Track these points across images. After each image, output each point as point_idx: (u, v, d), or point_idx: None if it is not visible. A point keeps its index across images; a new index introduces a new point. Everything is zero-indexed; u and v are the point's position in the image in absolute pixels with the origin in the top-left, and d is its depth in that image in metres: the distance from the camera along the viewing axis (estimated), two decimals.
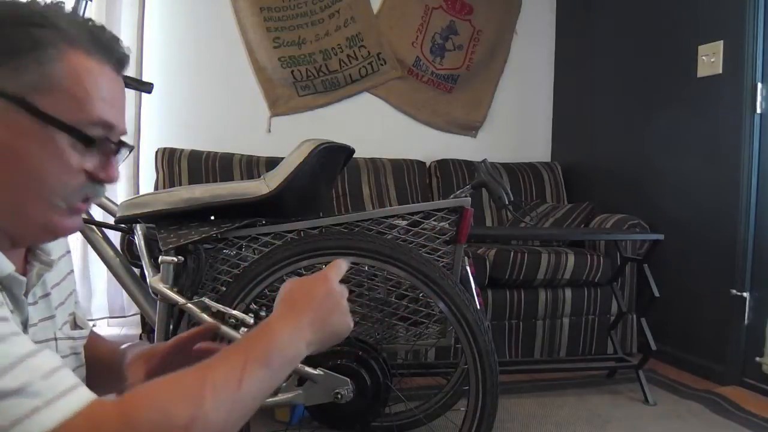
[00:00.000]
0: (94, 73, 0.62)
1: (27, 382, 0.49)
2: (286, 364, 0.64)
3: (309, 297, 0.71)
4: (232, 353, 0.62)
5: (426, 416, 1.68)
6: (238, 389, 0.58)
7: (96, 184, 0.65)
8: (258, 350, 0.62)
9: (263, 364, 0.61)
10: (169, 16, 2.94)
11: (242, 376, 0.59)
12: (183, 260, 1.33)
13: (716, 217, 2.40)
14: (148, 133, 2.88)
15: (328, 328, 0.70)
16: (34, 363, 0.51)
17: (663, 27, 2.73)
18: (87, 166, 0.63)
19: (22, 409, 0.48)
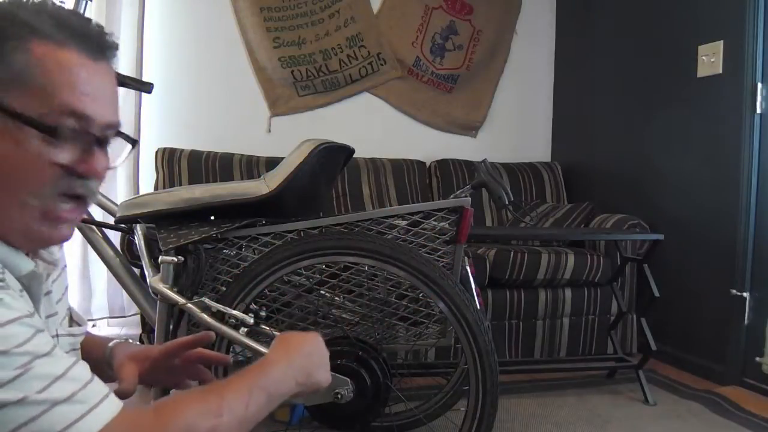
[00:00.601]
0: (62, 63, 0.59)
1: (75, 391, 0.55)
2: (279, 395, 0.74)
3: (301, 347, 0.81)
4: (241, 379, 0.71)
5: (426, 416, 1.68)
6: (246, 410, 0.67)
7: (76, 178, 0.62)
8: (261, 380, 0.72)
9: (264, 392, 0.71)
10: (169, 16, 2.94)
11: (249, 401, 0.68)
12: (183, 260, 1.33)
13: (716, 217, 2.40)
14: (148, 133, 2.88)
15: (313, 377, 0.80)
16: (76, 373, 0.57)
17: (663, 27, 2.73)
18: (60, 159, 0.60)
19: (72, 415, 0.54)
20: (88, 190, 0.64)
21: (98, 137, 0.63)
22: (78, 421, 0.54)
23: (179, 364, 0.94)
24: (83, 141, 0.62)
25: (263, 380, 0.73)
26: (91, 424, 0.55)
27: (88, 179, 0.63)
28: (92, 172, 0.62)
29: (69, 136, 0.60)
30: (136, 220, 1.40)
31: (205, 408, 0.64)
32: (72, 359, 0.58)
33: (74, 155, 0.61)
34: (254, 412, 0.69)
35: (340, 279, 1.41)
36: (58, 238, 0.65)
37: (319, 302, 1.43)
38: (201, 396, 0.66)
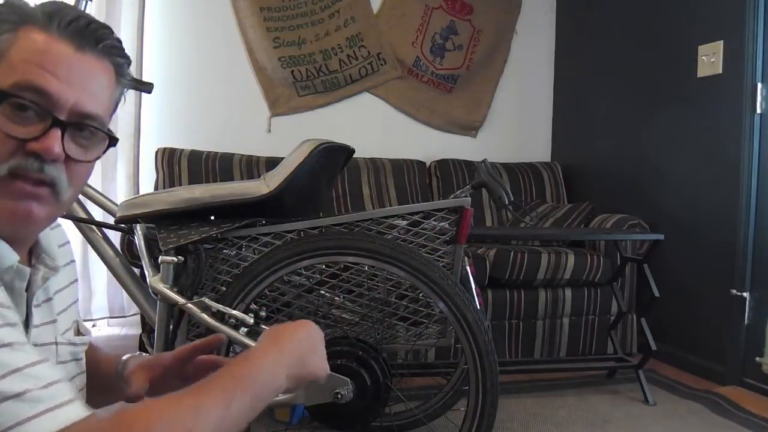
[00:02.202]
0: (38, 43, 0.61)
1: (28, 389, 0.51)
2: (267, 392, 0.68)
3: (291, 335, 0.75)
4: (221, 380, 0.64)
5: (426, 416, 1.68)
6: (227, 412, 0.61)
7: (32, 159, 0.60)
8: (245, 379, 0.65)
9: (248, 392, 0.64)
10: (169, 16, 2.94)
11: (230, 404, 0.61)
12: (183, 260, 1.33)
13: (716, 217, 2.40)
14: (148, 133, 2.88)
15: (306, 366, 0.75)
16: (35, 372, 0.52)
17: (663, 27, 2.73)
18: (15, 132, 0.60)
19: (20, 414, 0.49)
20: (46, 175, 0.62)
21: (62, 121, 0.62)
22: (28, 420, 0.50)
23: (192, 371, 0.89)
24: (42, 120, 0.61)
25: (248, 377, 0.66)
26: (43, 425, 0.50)
27: (43, 161, 0.61)
28: (43, 151, 0.60)
29: (29, 113, 0.60)
30: (136, 220, 1.40)
31: (173, 417, 0.57)
32: (38, 357, 0.54)
33: (30, 133, 0.60)
34: (238, 416, 0.62)
35: (340, 279, 1.41)
36: (21, 212, 0.62)
37: (319, 302, 1.43)
38: (172, 400, 0.59)
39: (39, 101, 0.60)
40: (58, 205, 0.65)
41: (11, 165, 0.60)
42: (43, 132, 0.61)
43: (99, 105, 0.66)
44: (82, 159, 0.65)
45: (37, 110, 0.61)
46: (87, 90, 0.64)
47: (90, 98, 0.64)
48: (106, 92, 0.67)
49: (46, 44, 0.61)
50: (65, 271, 0.79)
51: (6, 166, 0.60)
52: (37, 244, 0.72)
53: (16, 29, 0.61)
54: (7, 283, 0.62)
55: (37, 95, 0.60)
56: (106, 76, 0.67)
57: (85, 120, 0.64)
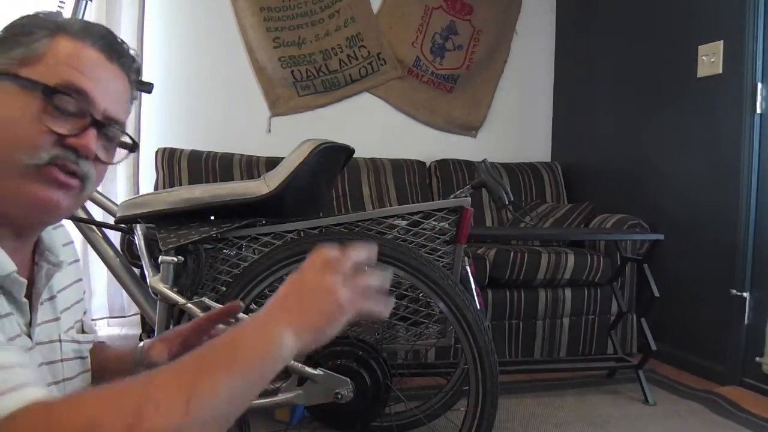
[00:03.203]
0: (75, 49, 0.67)
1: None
2: (258, 360, 0.56)
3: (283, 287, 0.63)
4: (188, 356, 0.55)
5: (426, 416, 1.68)
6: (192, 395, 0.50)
7: (70, 152, 0.65)
8: (221, 349, 0.55)
9: (226, 364, 0.54)
10: (169, 16, 2.94)
11: (197, 381, 0.51)
12: (183, 260, 1.33)
13: (716, 217, 2.40)
14: (148, 133, 2.88)
15: (308, 306, 0.60)
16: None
17: (663, 27, 2.73)
18: (56, 128, 0.64)
19: None
20: (81, 169, 0.66)
21: (97, 120, 0.67)
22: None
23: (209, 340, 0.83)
24: (81, 119, 0.66)
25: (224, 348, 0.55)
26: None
27: (79, 156, 0.65)
28: (81, 147, 0.65)
29: (68, 110, 0.65)
30: (136, 220, 1.40)
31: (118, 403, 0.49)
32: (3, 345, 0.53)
33: (70, 129, 0.65)
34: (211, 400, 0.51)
35: None
36: (50, 200, 0.64)
37: None
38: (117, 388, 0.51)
39: (78, 102, 0.65)
40: (79, 199, 0.69)
41: (52, 155, 0.64)
42: (82, 130, 0.65)
43: (122, 113, 0.72)
44: (104, 160, 0.71)
45: (77, 110, 0.65)
46: (115, 97, 0.70)
47: (117, 105, 0.70)
48: (127, 103, 0.74)
49: (83, 51, 0.67)
50: (69, 270, 0.80)
51: (48, 156, 0.64)
52: (40, 242, 0.73)
53: (53, 35, 0.66)
54: (6, 289, 0.63)
55: (78, 96, 0.65)
56: (127, 88, 0.73)
57: (113, 124, 0.70)
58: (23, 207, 0.64)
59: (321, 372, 1.26)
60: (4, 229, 0.65)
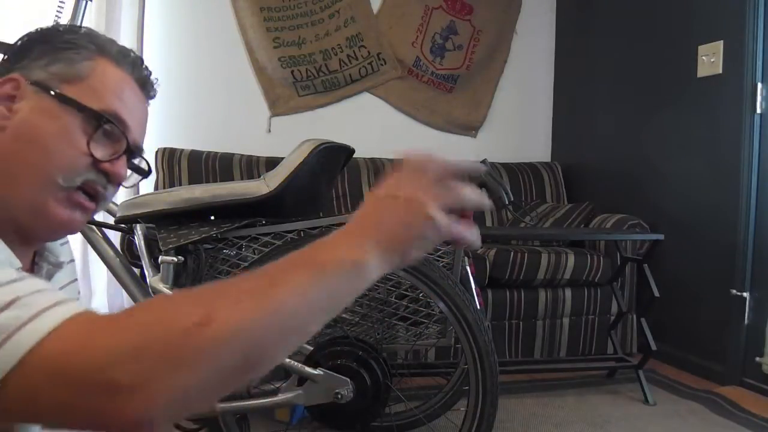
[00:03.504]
0: (117, 77, 0.69)
1: (17, 297, 0.48)
2: (341, 269, 0.51)
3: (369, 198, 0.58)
4: (271, 265, 0.51)
5: (426, 416, 1.68)
6: (269, 292, 0.48)
7: (100, 173, 0.66)
8: (302, 254, 0.52)
9: (306, 266, 0.50)
10: (169, 16, 2.94)
11: (274, 280, 0.49)
12: (183, 260, 1.33)
13: (716, 217, 2.40)
14: (148, 133, 2.85)
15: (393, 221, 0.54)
16: (20, 285, 0.50)
17: (663, 27, 2.73)
18: (94, 152, 0.65)
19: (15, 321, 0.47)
20: (104, 192, 0.69)
21: (132, 149, 0.70)
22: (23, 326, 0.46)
23: None
24: (117, 145, 0.68)
25: (303, 253, 0.51)
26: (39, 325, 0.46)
27: (109, 182, 0.68)
28: (114, 173, 0.68)
29: (107, 135, 0.67)
30: (136, 220, 1.40)
31: (191, 298, 0.49)
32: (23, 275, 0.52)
33: (106, 154, 0.67)
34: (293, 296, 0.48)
35: None
36: (71, 222, 0.66)
37: None
38: (197, 289, 0.50)
39: (117, 129, 0.68)
40: (91, 216, 0.71)
41: (86, 179, 0.66)
42: (118, 157, 0.68)
43: (144, 139, 0.75)
44: (125, 184, 0.73)
45: (116, 137, 0.68)
46: (142, 125, 0.74)
47: (143, 135, 0.74)
48: (146, 128, 0.77)
49: (125, 81, 0.70)
50: (66, 270, 0.80)
51: (81, 179, 0.65)
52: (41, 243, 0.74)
53: (94, 58, 0.68)
54: None
55: (117, 122, 0.68)
56: (147, 116, 0.77)
57: (138, 153, 0.74)
58: (43, 224, 0.65)
59: (321, 372, 1.26)
60: (14, 234, 0.65)
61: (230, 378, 0.47)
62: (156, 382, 0.44)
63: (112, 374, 0.44)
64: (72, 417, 0.46)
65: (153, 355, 0.44)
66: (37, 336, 0.46)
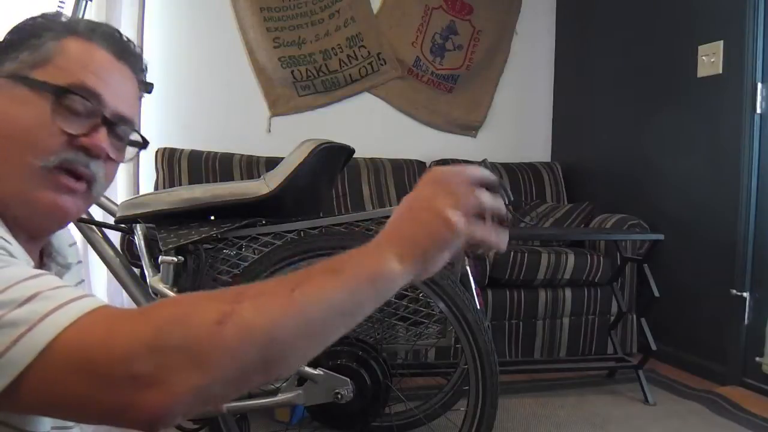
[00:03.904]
0: (84, 50, 0.67)
1: (38, 291, 0.49)
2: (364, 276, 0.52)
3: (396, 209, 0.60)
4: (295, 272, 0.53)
5: (426, 416, 1.68)
6: (292, 293, 0.49)
7: (82, 154, 0.65)
8: (326, 263, 0.53)
9: (330, 272, 0.52)
10: (169, 16, 2.94)
11: (299, 283, 0.50)
12: (183, 260, 1.33)
13: (716, 217, 2.40)
14: (148, 133, 2.83)
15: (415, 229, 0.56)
16: (41, 281, 0.51)
17: (663, 27, 2.73)
18: (68, 128, 0.64)
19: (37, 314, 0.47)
20: (89, 171, 0.66)
21: (107, 119, 0.67)
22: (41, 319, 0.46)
23: None
24: (92, 118, 0.66)
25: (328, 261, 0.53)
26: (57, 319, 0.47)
27: (91, 157, 0.65)
28: (93, 146, 0.65)
29: (79, 110, 0.65)
30: (136, 220, 1.41)
31: (216, 295, 0.49)
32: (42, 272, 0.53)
33: (82, 129, 0.65)
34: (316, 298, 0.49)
35: None
36: (61, 207, 0.65)
37: None
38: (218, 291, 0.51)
39: (89, 102, 0.65)
40: (89, 201, 0.69)
41: (62, 158, 0.63)
42: (93, 129, 0.65)
43: (133, 111, 0.72)
44: (117, 159, 0.70)
45: (88, 109, 0.65)
46: (124, 96, 0.70)
47: (126, 103, 0.70)
48: (136, 102, 0.73)
49: (92, 51, 0.67)
50: (73, 272, 0.80)
51: (57, 158, 0.63)
52: (48, 243, 0.74)
53: (60, 38, 0.66)
54: None
55: (89, 95, 0.65)
56: (136, 88, 0.73)
57: (124, 123, 0.70)
58: (34, 213, 0.64)
59: (321, 372, 1.26)
60: (18, 230, 0.65)
61: (249, 377, 0.48)
62: (177, 376, 0.44)
63: (133, 367, 0.44)
64: (91, 409, 0.46)
65: (174, 349, 0.44)
66: (59, 327, 0.46)
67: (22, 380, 0.45)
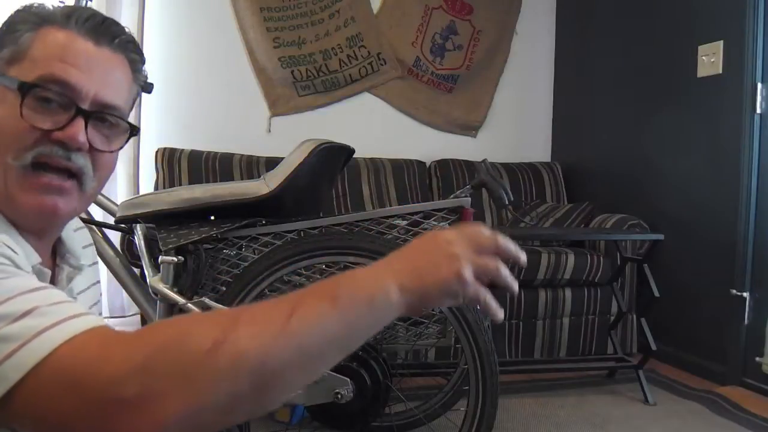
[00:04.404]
0: (58, 40, 0.64)
1: (36, 306, 0.49)
2: (360, 303, 0.52)
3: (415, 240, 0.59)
4: (290, 295, 0.52)
5: (426, 416, 1.68)
6: (287, 320, 0.48)
7: (58, 147, 0.62)
8: (323, 286, 0.52)
9: (326, 298, 0.50)
10: (169, 16, 2.93)
11: (294, 308, 0.49)
12: (183, 260, 1.33)
13: (716, 217, 2.40)
14: (148, 133, 2.88)
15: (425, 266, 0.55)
16: (41, 294, 0.51)
17: (663, 27, 2.73)
18: (40, 123, 0.61)
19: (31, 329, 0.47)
20: (73, 164, 0.64)
21: (85, 110, 0.64)
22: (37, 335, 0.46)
23: None
24: (66, 111, 0.63)
25: (328, 284, 0.52)
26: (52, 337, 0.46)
27: (69, 149, 0.63)
28: (68, 139, 0.62)
29: (53, 103, 0.62)
30: (136, 220, 1.41)
31: (210, 320, 0.49)
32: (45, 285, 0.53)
33: (55, 123, 0.62)
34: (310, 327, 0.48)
35: None
36: (48, 207, 0.63)
37: None
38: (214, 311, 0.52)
39: (62, 92, 0.62)
40: (82, 197, 0.67)
41: (35, 152, 0.62)
42: (68, 121, 0.62)
43: (118, 96, 0.68)
44: (105, 149, 0.67)
45: (61, 101, 0.62)
46: (106, 81, 0.66)
47: (109, 89, 0.66)
48: (124, 85, 0.69)
49: (66, 40, 0.64)
50: (88, 273, 0.80)
51: (30, 154, 0.61)
52: (61, 243, 0.73)
53: (36, 29, 0.64)
54: None
55: (60, 87, 0.62)
56: (123, 70, 0.69)
57: (107, 110, 0.66)
58: (23, 215, 0.63)
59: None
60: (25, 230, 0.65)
61: (240, 404, 0.47)
62: (165, 401, 0.44)
63: (123, 389, 0.44)
64: (79, 429, 0.45)
65: (165, 374, 0.44)
66: (52, 345, 0.46)
67: (12, 396, 0.45)
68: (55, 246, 0.73)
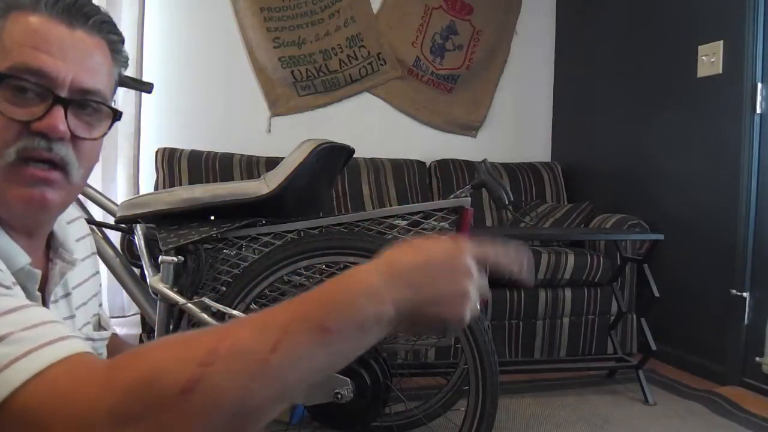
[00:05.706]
0: (28, 26, 0.60)
1: (9, 332, 0.46)
2: (351, 331, 0.47)
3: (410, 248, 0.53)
4: (276, 310, 0.47)
5: (426, 416, 1.68)
6: (271, 353, 0.44)
7: (39, 138, 0.60)
8: (310, 305, 0.47)
9: (315, 330, 0.46)
10: (169, 16, 2.94)
11: (279, 340, 0.44)
12: (183, 260, 1.33)
13: (716, 217, 2.40)
14: (148, 133, 2.88)
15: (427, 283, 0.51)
16: (16, 317, 0.48)
17: (663, 27, 2.73)
18: (17, 116, 0.59)
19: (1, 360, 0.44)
20: (56, 155, 0.62)
21: (64, 98, 0.61)
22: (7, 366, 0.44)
23: None
24: (43, 100, 0.60)
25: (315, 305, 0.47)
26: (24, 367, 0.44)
27: (50, 140, 0.61)
28: (48, 129, 0.60)
29: (30, 93, 0.60)
30: (136, 220, 1.40)
31: (184, 353, 0.44)
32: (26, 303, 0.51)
33: (32, 114, 0.60)
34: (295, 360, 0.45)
35: None
36: (36, 199, 0.61)
37: None
38: (185, 338, 0.46)
39: (38, 81, 0.60)
40: (70, 187, 0.65)
41: (19, 147, 0.60)
42: (46, 111, 0.60)
43: (98, 80, 0.65)
44: (87, 137, 0.65)
45: (37, 90, 0.60)
46: (84, 66, 0.63)
47: (88, 74, 0.63)
48: (103, 68, 0.66)
49: (37, 25, 0.61)
50: (85, 264, 0.79)
51: (14, 149, 0.59)
52: (54, 237, 0.72)
53: (4, 16, 0.61)
54: (21, 283, 0.61)
55: (35, 76, 0.60)
56: (101, 52, 0.66)
57: (87, 96, 0.64)
58: (12, 211, 0.62)
59: None
60: (13, 230, 0.64)
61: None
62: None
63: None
64: None
65: (137, 418, 0.42)
66: (23, 377, 0.44)
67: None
68: (49, 241, 0.71)
